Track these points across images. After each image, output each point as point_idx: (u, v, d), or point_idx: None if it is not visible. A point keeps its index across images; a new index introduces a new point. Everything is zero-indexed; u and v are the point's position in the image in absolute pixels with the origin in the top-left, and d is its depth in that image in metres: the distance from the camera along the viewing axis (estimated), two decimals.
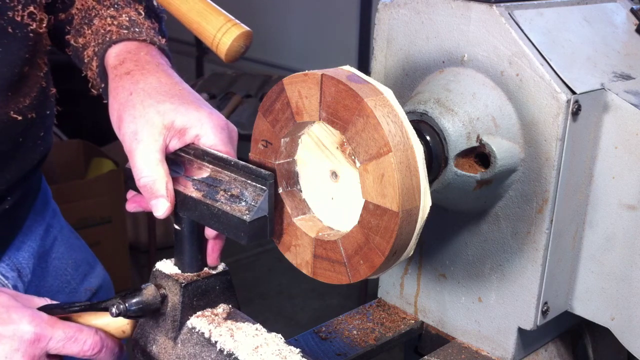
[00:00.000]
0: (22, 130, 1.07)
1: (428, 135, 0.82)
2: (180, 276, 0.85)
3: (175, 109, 0.86)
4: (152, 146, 0.84)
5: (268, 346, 0.78)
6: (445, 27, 0.87)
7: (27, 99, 1.06)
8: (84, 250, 1.37)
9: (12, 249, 1.19)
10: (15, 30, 1.02)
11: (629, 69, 0.90)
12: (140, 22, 1.02)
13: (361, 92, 0.70)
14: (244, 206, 0.76)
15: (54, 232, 1.29)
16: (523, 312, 0.88)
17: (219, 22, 0.92)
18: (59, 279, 1.28)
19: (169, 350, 0.83)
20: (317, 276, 0.79)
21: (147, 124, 0.85)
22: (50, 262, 1.27)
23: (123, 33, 0.99)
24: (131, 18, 1.02)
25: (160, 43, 1.01)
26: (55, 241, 1.29)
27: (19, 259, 1.19)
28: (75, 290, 1.30)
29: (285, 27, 4.50)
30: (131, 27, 1.00)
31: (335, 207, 0.80)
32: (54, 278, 1.27)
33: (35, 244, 1.23)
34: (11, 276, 1.16)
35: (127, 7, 1.04)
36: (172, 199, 0.84)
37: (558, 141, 0.80)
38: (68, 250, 1.31)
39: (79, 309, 0.86)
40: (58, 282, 1.28)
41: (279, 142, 0.80)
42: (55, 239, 1.29)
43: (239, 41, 0.91)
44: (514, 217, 0.86)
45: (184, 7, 0.95)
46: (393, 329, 1.00)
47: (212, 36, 0.92)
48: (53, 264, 1.28)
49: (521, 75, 0.81)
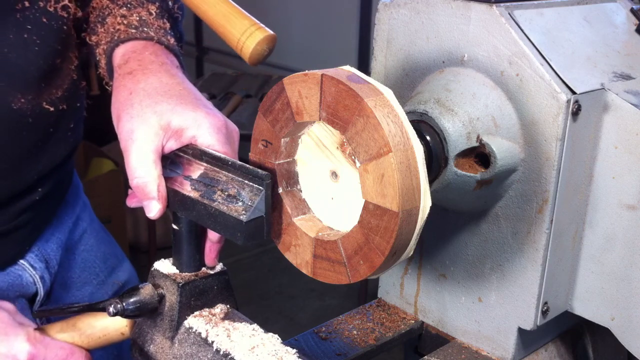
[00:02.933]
0: (54, 121, 1.08)
1: (428, 135, 0.82)
2: (178, 276, 0.85)
3: (173, 109, 0.86)
4: (147, 146, 0.84)
5: (264, 346, 0.78)
6: (445, 27, 0.87)
7: (59, 90, 1.07)
8: (112, 245, 1.38)
9: (41, 240, 1.19)
10: (51, 22, 1.02)
11: (629, 69, 0.90)
12: (151, 22, 1.02)
13: (361, 92, 0.70)
14: (241, 206, 0.76)
15: (83, 225, 1.30)
16: (523, 312, 0.88)
17: (243, 25, 0.94)
18: (87, 270, 1.29)
19: (166, 349, 0.83)
20: (317, 276, 0.79)
21: (144, 123, 0.85)
22: (79, 254, 1.28)
23: (131, 32, 0.99)
24: (141, 18, 1.02)
25: (168, 43, 1.01)
26: (84, 233, 1.30)
27: (47, 250, 1.20)
28: (103, 283, 1.31)
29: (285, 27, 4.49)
30: (140, 26, 1.00)
31: (335, 207, 0.80)
32: (82, 270, 1.28)
33: (64, 235, 1.24)
34: (39, 267, 1.17)
35: (140, 7, 1.04)
36: (164, 200, 0.83)
37: (558, 141, 0.80)
38: (97, 243, 1.32)
39: (77, 309, 0.86)
40: (86, 273, 1.29)
41: (279, 142, 0.80)
42: (84, 231, 1.30)
43: (262, 45, 0.93)
44: (514, 217, 0.86)
45: (211, 11, 0.96)
46: (393, 329, 1.00)
47: (236, 39, 0.94)
48: (82, 255, 1.29)
49: (521, 75, 0.81)
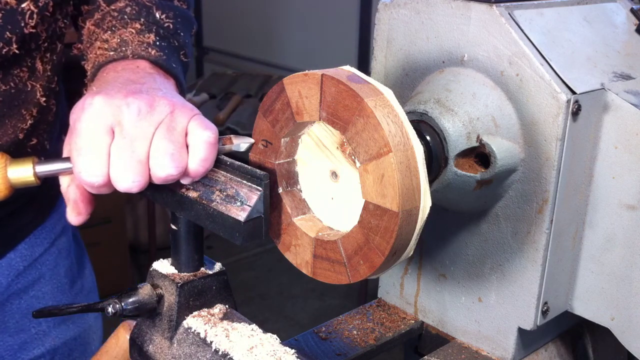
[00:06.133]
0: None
1: (428, 135, 0.82)
2: (177, 276, 0.85)
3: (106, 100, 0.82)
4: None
5: (263, 347, 0.78)
6: (445, 27, 0.87)
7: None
8: (75, 293, 1.32)
9: None
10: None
11: (629, 69, 0.90)
12: (130, 40, 1.01)
13: (361, 92, 0.70)
14: (239, 206, 0.76)
15: (40, 270, 1.25)
16: (523, 312, 0.88)
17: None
18: (29, 318, 1.23)
19: (165, 350, 0.83)
20: (317, 276, 0.79)
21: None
22: (26, 300, 1.23)
23: (109, 55, 0.99)
24: (122, 39, 1.01)
25: (148, 55, 0.98)
26: (40, 279, 1.25)
27: None
28: (45, 334, 1.26)
29: (285, 27, 4.49)
30: (118, 47, 0.99)
31: (335, 207, 0.80)
32: (23, 316, 1.23)
33: (6, 279, 1.20)
34: None
35: (123, 27, 1.03)
36: (78, 209, 0.85)
37: (558, 141, 0.80)
38: (53, 291, 1.27)
39: (76, 309, 0.87)
40: (26, 320, 1.23)
41: (279, 142, 0.80)
42: (41, 277, 1.25)
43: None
44: (514, 217, 0.86)
45: None
46: (393, 329, 1.00)
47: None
48: (28, 302, 1.24)
49: (521, 75, 0.81)
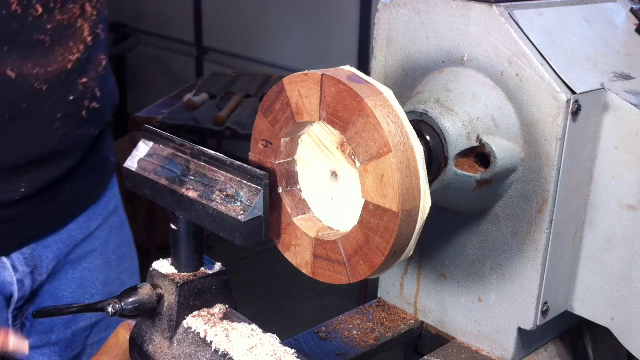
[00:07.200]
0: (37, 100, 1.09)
1: (428, 135, 0.82)
2: (177, 276, 0.84)
3: None
4: None
5: (263, 347, 0.78)
6: (445, 27, 0.87)
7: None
8: (123, 272, 1.35)
9: (40, 244, 1.18)
10: None
11: (629, 69, 0.90)
12: None
13: (361, 92, 0.70)
14: (239, 206, 0.76)
15: (94, 244, 1.28)
16: (523, 312, 0.88)
17: None
18: (82, 289, 1.27)
19: (165, 350, 0.83)
20: (317, 276, 0.79)
21: None
22: (80, 270, 1.26)
23: None
24: None
25: None
26: (93, 252, 1.28)
27: (41, 256, 1.18)
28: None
29: (285, 27, 4.49)
30: None
31: (335, 207, 0.80)
32: (78, 287, 1.26)
33: (66, 248, 1.22)
34: (21, 270, 1.15)
35: None
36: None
37: (558, 141, 0.80)
38: (103, 265, 1.30)
39: (76, 310, 0.86)
40: (80, 292, 1.27)
41: (279, 142, 0.80)
42: (93, 250, 1.28)
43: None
44: (514, 217, 0.86)
45: None
46: (393, 329, 1.00)
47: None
48: (82, 273, 1.27)
49: (521, 75, 0.81)
